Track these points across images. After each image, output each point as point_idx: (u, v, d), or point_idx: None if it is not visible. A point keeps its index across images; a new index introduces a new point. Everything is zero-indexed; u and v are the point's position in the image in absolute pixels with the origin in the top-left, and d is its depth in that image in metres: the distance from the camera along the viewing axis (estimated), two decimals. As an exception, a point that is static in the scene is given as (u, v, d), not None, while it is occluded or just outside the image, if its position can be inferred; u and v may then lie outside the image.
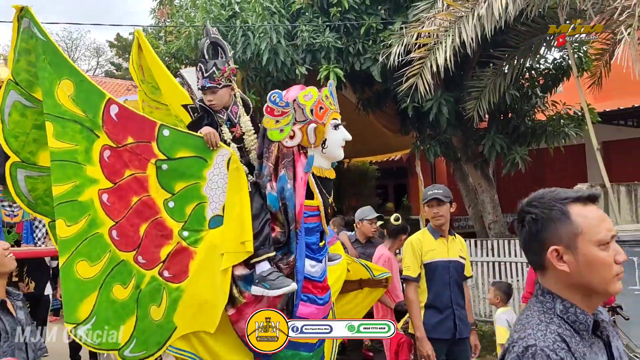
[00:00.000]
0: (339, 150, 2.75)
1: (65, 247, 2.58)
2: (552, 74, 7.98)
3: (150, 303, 2.65)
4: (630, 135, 11.10)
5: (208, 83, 2.88)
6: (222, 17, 6.85)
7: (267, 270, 2.61)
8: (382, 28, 6.78)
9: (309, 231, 2.70)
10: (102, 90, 2.75)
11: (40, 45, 2.66)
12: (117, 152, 2.66)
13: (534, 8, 5.71)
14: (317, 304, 2.72)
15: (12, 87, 2.72)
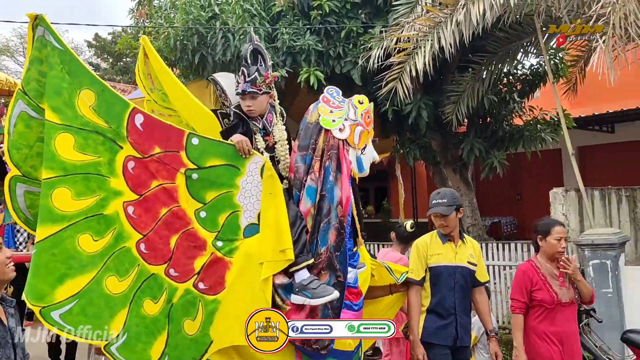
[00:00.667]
0: (368, 165, 2.88)
1: (94, 262, 2.48)
2: (529, 80, 8.11)
3: (183, 317, 2.57)
4: (604, 140, 11.32)
5: (249, 88, 2.84)
6: (202, 18, 6.80)
7: (308, 278, 2.57)
8: (362, 32, 6.82)
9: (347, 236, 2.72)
10: (125, 100, 2.66)
11: (57, 54, 2.55)
12: (143, 162, 2.58)
13: (511, 15, 5.79)
14: (353, 310, 2.70)
15: (20, 97, 2.59)
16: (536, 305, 3.39)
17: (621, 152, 11.24)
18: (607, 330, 4.81)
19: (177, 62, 7.59)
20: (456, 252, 3.42)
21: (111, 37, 24.70)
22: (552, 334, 3.36)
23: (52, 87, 2.52)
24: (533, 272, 3.42)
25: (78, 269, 2.45)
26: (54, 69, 2.52)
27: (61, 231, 2.44)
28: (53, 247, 2.43)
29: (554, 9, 5.56)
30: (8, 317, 2.21)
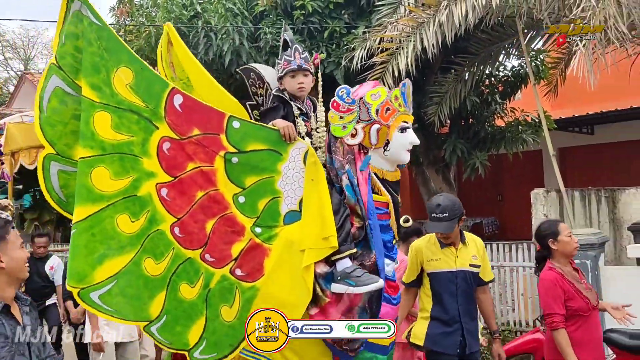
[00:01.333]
0: (404, 154, 2.67)
1: (132, 243, 2.45)
2: (510, 82, 8.18)
3: (220, 303, 2.53)
4: (585, 142, 11.48)
5: (304, 64, 2.81)
6: (184, 17, 6.74)
7: (351, 267, 2.49)
8: (345, 32, 6.80)
9: (384, 229, 2.62)
10: (165, 80, 2.60)
11: (94, 30, 2.46)
12: (180, 144, 2.51)
13: (493, 16, 5.83)
14: (391, 304, 2.65)
15: (54, 72, 2.49)
16: (571, 315, 3.11)
17: (600, 153, 11.41)
18: (587, 330, 4.86)
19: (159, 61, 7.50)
20: (457, 256, 3.22)
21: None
22: (590, 342, 3.15)
23: (90, 64, 2.44)
24: (562, 281, 3.15)
25: (117, 249, 2.42)
26: (92, 45, 2.44)
27: (100, 211, 2.40)
28: (93, 227, 2.39)
29: (536, 11, 5.61)
30: (23, 314, 2.21)
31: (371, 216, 2.55)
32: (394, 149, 2.63)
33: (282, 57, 2.85)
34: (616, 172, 11.01)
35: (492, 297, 3.61)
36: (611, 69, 5.40)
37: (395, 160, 2.67)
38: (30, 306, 2.28)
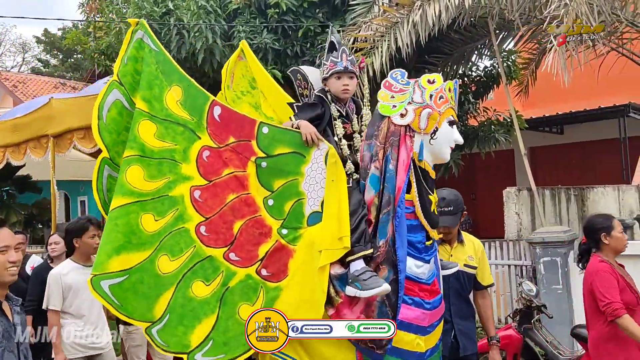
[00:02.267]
0: (447, 149, 2.56)
1: (151, 242, 2.56)
2: (483, 82, 8.29)
3: (240, 301, 2.54)
4: (554, 141, 11.71)
5: (350, 66, 2.77)
6: (156, 14, 6.63)
7: (361, 269, 2.43)
8: (320, 31, 6.79)
9: (412, 228, 2.51)
10: (206, 93, 2.79)
11: (153, 55, 2.77)
12: (218, 152, 2.69)
13: (466, 17, 5.89)
14: (424, 308, 2.51)
15: (116, 87, 2.79)
16: None
17: (570, 152, 11.66)
18: (557, 326, 4.95)
19: (130, 59, 7.38)
20: (450, 254, 3.17)
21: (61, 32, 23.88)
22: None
23: (146, 82, 2.74)
24: (615, 272, 3.10)
25: (136, 245, 2.54)
26: (149, 67, 2.75)
27: (128, 205, 2.56)
28: (118, 217, 2.55)
29: (507, 12, 5.68)
30: (14, 314, 2.22)
31: (400, 204, 2.46)
32: (440, 138, 2.53)
33: (329, 59, 2.82)
34: (585, 171, 11.28)
35: (491, 302, 3.51)
36: (580, 69, 5.51)
37: (437, 152, 2.55)
38: (20, 307, 2.29)
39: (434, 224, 2.56)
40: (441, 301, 2.62)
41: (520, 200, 6.83)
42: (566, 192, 7.70)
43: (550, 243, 5.51)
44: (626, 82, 8.71)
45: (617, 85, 8.95)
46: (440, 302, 2.60)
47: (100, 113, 2.76)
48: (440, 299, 2.61)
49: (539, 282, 5.46)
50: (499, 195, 7.10)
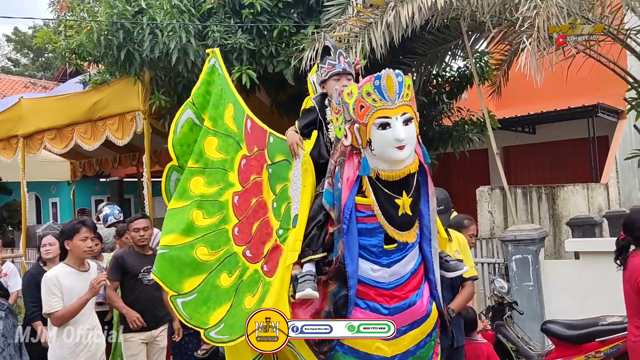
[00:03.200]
0: (392, 152, 2.38)
1: (196, 232, 2.91)
2: (456, 82, 8.38)
3: (247, 292, 2.79)
4: (526, 141, 11.92)
5: (349, 68, 2.85)
6: (128, 13, 6.53)
7: (304, 272, 2.55)
8: (295, 31, 6.78)
9: (368, 232, 2.49)
10: (244, 107, 3.19)
11: (221, 79, 3.24)
12: (249, 160, 3.06)
13: (438, 18, 5.95)
14: (380, 313, 2.47)
15: (189, 107, 3.28)
16: None
17: (541, 152, 11.89)
18: (528, 322, 5.05)
19: (102, 58, 7.26)
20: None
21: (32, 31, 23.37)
22: None
23: (213, 102, 3.19)
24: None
25: (183, 230, 2.90)
26: (217, 88, 3.21)
27: (185, 206, 2.97)
28: (175, 214, 2.96)
29: (479, 13, 5.77)
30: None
31: (345, 220, 2.46)
32: (377, 147, 2.41)
33: (326, 62, 2.86)
34: (556, 170, 11.51)
35: (473, 293, 3.56)
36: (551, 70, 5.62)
37: (384, 158, 2.42)
38: (6, 311, 2.28)
39: (401, 227, 2.48)
40: (411, 306, 2.54)
41: (493, 199, 6.95)
42: (537, 190, 7.85)
43: (521, 241, 5.61)
44: (594, 83, 8.93)
45: (586, 86, 9.15)
46: (407, 307, 2.53)
47: (175, 129, 3.26)
48: (409, 304, 2.53)
49: (511, 279, 5.57)
50: (473, 194, 7.21)
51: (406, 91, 2.40)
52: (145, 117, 7.35)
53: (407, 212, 2.46)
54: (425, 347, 2.56)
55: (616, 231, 7.46)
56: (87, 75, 9.14)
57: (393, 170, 2.43)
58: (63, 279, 3.52)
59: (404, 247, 2.50)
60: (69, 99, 8.78)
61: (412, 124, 2.40)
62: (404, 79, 2.40)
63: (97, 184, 17.12)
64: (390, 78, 2.38)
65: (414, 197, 2.46)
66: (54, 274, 3.55)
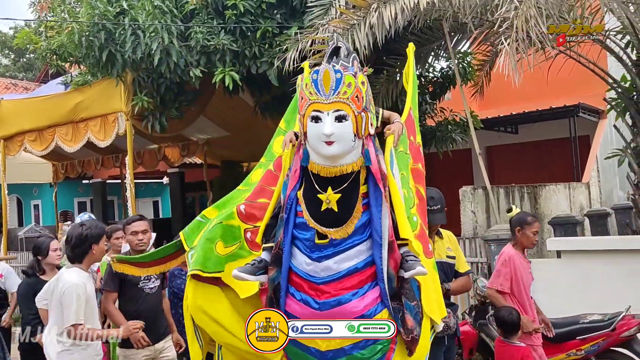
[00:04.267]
0: (320, 145, 2.36)
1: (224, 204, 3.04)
2: (439, 82, 8.43)
3: (220, 238, 2.79)
4: (509, 141, 12.03)
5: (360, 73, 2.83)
6: (109, 14, 6.48)
7: (255, 259, 2.60)
8: (278, 32, 6.77)
9: (301, 226, 2.49)
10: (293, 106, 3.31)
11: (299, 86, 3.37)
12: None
13: (421, 19, 5.98)
14: (312, 307, 2.45)
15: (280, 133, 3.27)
16: None
17: (524, 151, 12.01)
18: (511, 320, 5.08)
19: (83, 59, 7.19)
20: (434, 248, 3.32)
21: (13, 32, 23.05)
22: None
23: (291, 106, 3.31)
24: None
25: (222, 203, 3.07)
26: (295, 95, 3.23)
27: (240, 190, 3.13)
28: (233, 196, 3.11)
29: (460, 14, 5.81)
30: None
31: (287, 210, 2.53)
32: (310, 140, 2.41)
33: (340, 63, 2.69)
34: (539, 169, 11.64)
35: (469, 284, 3.68)
36: (533, 71, 5.68)
37: (317, 152, 2.41)
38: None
39: (325, 223, 2.45)
40: (341, 304, 2.45)
41: (475, 199, 7.00)
42: (520, 190, 7.93)
43: (504, 240, 5.66)
44: (575, 83, 9.04)
45: (567, 86, 9.28)
46: (337, 304, 2.45)
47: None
48: (339, 302, 2.45)
49: (494, 278, 5.61)
50: (456, 194, 7.26)
51: (344, 88, 2.35)
52: (128, 118, 7.29)
53: (332, 209, 2.42)
54: (366, 349, 2.46)
55: (597, 230, 7.59)
56: (68, 76, 9.04)
57: (326, 166, 2.41)
58: (87, 287, 3.33)
59: (338, 243, 2.46)
60: (50, 100, 8.68)
61: (346, 122, 2.35)
62: (344, 76, 2.36)
63: (80, 186, 16.94)
64: (327, 73, 2.36)
65: (344, 195, 2.42)
66: (82, 281, 3.31)
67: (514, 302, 3.90)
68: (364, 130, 2.42)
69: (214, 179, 12.20)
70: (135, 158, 9.72)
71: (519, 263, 3.94)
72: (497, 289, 3.89)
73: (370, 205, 2.47)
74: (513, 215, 4.07)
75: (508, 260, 3.92)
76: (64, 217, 11.14)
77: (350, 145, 2.38)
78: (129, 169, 7.45)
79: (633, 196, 6.22)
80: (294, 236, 2.53)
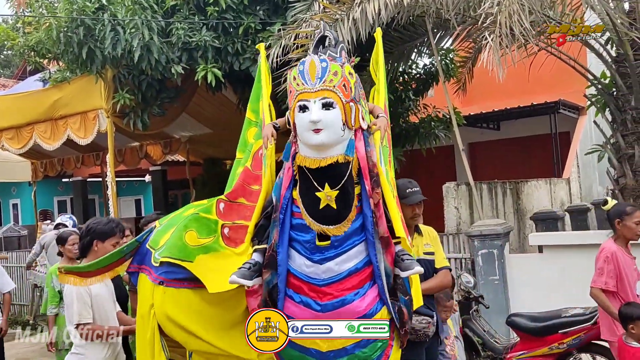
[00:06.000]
0: (307, 134, 2.33)
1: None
2: (423, 79, 8.46)
3: (193, 228, 2.73)
4: (491, 137, 12.14)
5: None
6: (88, 9, 6.35)
7: (249, 261, 2.50)
8: (261, 28, 6.72)
9: (301, 227, 2.44)
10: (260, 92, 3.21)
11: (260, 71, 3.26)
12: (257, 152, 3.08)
13: (404, 15, 5.98)
14: (313, 309, 2.42)
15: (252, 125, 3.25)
16: None
17: (506, 147, 12.12)
18: (494, 315, 5.14)
19: (62, 56, 7.05)
20: (412, 245, 3.25)
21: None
22: None
23: (255, 95, 3.25)
24: None
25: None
26: (258, 82, 3.23)
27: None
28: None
29: (443, 11, 5.82)
30: None
31: (282, 211, 2.45)
32: (298, 131, 2.39)
33: (327, 53, 2.63)
34: (520, 165, 11.76)
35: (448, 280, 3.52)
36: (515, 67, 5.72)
37: (305, 143, 2.37)
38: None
39: (325, 221, 2.41)
40: (345, 305, 2.44)
41: (459, 195, 7.04)
42: (502, 186, 8.00)
43: (487, 236, 5.71)
44: (556, 80, 9.15)
45: (547, 83, 9.38)
46: (340, 305, 2.43)
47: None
48: (342, 302, 2.44)
49: (477, 274, 5.65)
50: (439, 190, 7.29)
51: (330, 77, 2.34)
52: (109, 115, 7.18)
53: (331, 206, 2.38)
54: (367, 347, 2.47)
55: (578, 225, 7.69)
56: (47, 73, 8.88)
57: (315, 158, 2.35)
58: (93, 287, 3.23)
59: (339, 244, 2.43)
60: (28, 98, 8.52)
61: (333, 110, 2.32)
62: (329, 65, 2.34)
63: (60, 185, 16.68)
64: (313, 63, 2.35)
65: (342, 192, 2.39)
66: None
67: (618, 301, 3.60)
68: (353, 120, 2.39)
69: (196, 176, 12.11)
70: (117, 156, 9.60)
71: (622, 259, 3.65)
72: (602, 287, 3.60)
73: (363, 203, 2.44)
74: (610, 208, 3.81)
75: (610, 257, 3.62)
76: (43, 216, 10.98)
77: (340, 135, 2.34)
78: (110, 167, 7.35)
79: (612, 191, 6.30)
80: (291, 238, 2.46)
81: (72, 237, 4.56)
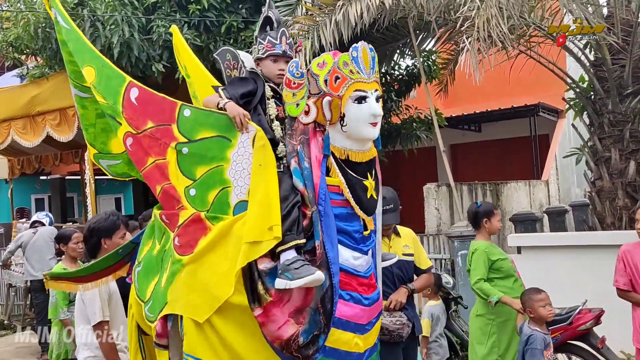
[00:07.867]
0: (365, 128, 2.24)
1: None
2: (405, 80, 8.51)
3: (165, 267, 2.43)
4: (472, 139, 12.25)
5: (289, 51, 2.59)
6: (67, 5, 6.26)
7: (292, 258, 2.19)
8: (243, 27, 6.69)
9: (347, 217, 2.30)
10: (122, 74, 2.64)
11: (64, 32, 2.65)
12: (137, 138, 2.51)
13: (387, 17, 6.01)
14: (363, 304, 2.31)
15: (70, 82, 2.74)
16: None
17: (487, 149, 12.24)
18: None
19: (40, 51, 6.94)
20: (390, 246, 3.30)
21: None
22: None
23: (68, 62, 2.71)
24: None
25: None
26: (66, 47, 2.67)
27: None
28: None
29: (425, 13, 5.86)
30: None
31: (321, 202, 2.26)
32: (350, 123, 2.25)
33: (266, 38, 2.61)
34: (501, 167, 11.88)
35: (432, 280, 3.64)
36: (495, 70, 5.78)
37: (356, 136, 2.27)
38: None
39: (369, 211, 2.36)
40: (379, 296, 2.44)
41: (439, 196, 7.09)
42: (482, 187, 8.08)
43: (467, 236, 5.75)
44: (536, 83, 9.26)
45: (527, 86, 9.48)
46: (378, 296, 2.42)
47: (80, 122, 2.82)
48: (378, 293, 2.44)
49: (457, 275, 5.70)
50: (420, 191, 7.34)
51: (377, 67, 2.32)
52: (88, 112, 7.08)
53: (373, 196, 2.35)
54: (379, 341, 2.51)
55: (556, 226, 7.79)
56: (24, 68, 8.72)
57: (363, 151, 2.30)
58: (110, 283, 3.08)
59: (372, 234, 2.41)
60: (5, 94, 8.35)
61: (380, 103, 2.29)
62: (375, 56, 2.31)
63: (37, 182, 16.38)
64: (365, 51, 2.25)
65: (376, 182, 2.37)
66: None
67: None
68: None
69: (178, 175, 11.99)
70: (96, 154, 9.45)
71: (637, 256, 3.63)
72: (614, 285, 3.72)
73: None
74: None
75: (621, 255, 3.71)
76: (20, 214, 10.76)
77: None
78: (88, 165, 7.24)
79: (590, 193, 6.40)
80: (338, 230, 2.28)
81: (75, 234, 4.32)
